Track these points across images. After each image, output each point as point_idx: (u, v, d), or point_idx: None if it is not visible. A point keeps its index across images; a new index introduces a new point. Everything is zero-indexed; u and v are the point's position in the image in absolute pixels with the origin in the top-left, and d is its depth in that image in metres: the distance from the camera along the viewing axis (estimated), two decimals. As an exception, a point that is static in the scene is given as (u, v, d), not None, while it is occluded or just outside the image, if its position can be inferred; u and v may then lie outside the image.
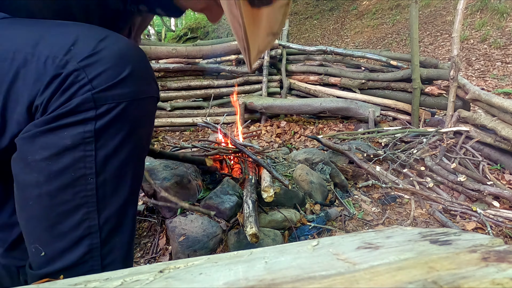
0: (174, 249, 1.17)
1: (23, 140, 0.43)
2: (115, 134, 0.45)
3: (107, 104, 0.44)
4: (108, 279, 0.26)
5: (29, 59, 0.43)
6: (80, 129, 0.43)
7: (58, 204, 0.44)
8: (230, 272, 0.25)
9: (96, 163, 0.44)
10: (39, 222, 0.45)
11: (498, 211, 1.48)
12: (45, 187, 0.44)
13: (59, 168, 0.43)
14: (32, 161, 0.43)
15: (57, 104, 0.42)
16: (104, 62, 0.44)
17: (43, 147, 0.43)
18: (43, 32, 0.45)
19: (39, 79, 0.42)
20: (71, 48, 0.43)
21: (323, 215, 1.41)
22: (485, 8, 6.56)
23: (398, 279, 0.21)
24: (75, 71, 0.42)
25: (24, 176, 0.44)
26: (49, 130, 0.42)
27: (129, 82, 0.45)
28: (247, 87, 3.74)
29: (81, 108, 0.43)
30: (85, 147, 0.44)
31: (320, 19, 10.60)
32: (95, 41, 0.44)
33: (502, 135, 1.89)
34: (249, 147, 1.59)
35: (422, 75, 2.86)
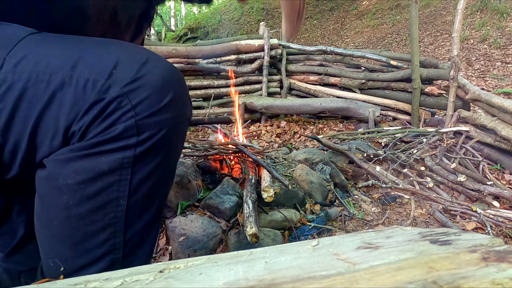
0: (174, 249, 1.17)
1: (55, 162, 0.42)
2: (152, 159, 0.45)
3: (149, 131, 0.43)
4: (108, 279, 0.26)
5: (67, 82, 0.40)
6: (119, 155, 0.42)
7: (85, 225, 0.43)
8: (230, 272, 0.25)
9: (130, 186, 0.44)
10: (63, 241, 0.44)
11: (498, 211, 1.48)
12: (75, 209, 0.42)
13: (92, 192, 0.42)
14: (63, 184, 0.42)
15: (97, 131, 0.41)
16: (147, 87, 0.42)
17: (77, 172, 0.41)
18: (80, 52, 0.43)
19: (77, 103, 0.40)
20: (113, 72, 0.41)
21: (323, 215, 1.41)
22: (485, 8, 6.57)
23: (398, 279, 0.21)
24: (118, 97, 0.41)
25: (52, 197, 0.43)
26: (86, 156, 0.41)
27: (171, 107, 0.44)
28: (247, 87, 3.74)
29: (124, 135, 0.41)
30: (121, 171, 0.43)
31: (320, 19, 10.60)
32: (137, 64, 0.43)
33: (502, 135, 1.89)
34: (249, 147, 1.59)
35: (422, 75, 2.86)
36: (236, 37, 3.73)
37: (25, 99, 0.40)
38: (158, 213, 0.51)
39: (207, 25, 12.02)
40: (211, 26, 11.91)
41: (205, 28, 11.91)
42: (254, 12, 11.71)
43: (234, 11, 12.15)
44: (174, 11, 15.50)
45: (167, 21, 15.24)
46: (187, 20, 14.68)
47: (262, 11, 11.68)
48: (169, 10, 15.70)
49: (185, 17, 16.15)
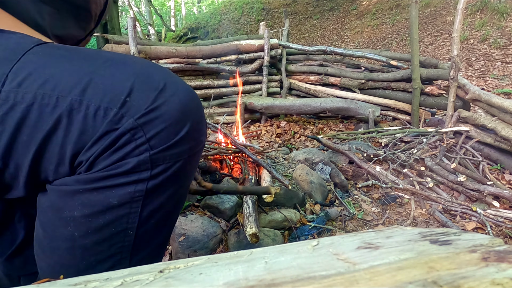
0: (174, 249, 1.17)
1: (60, 193, 0.40)
2: (165, 190, 0.43)
3: (164, 164, 0.40)
4: (108, 279, 0.26)
5: (76, 107, 0.37)
6: (131, 189, 0.39)
7: (90, 255, 0.41)
8: (230, 272, 0.25)
9: (140, 218, 0.41)
10: (66, 269, 0.42)
11: (498, 211, 1.48)
12: (80, 241, 0.40)
13: (100, 224, 0.40)
14: (69, 216, 0.39)
15: (107, 163, 0.38)
16: (164, 119, 0.39)
17: (84, 205, 0.39)
18: (91, 73, 0.39)
19: (86, 132, 0.37)
20: (127, 100, 0.38)
21: (323, 215, 1.41)
22: (485, 8, 6.57)
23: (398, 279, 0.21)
24: (132, 129, 0.38)
25: (56, 227, 0.41)
26: (94, 189, 0.39)
27: (188, 138, 0.41)
28: (247, 87, 3.75)
29: (136, 169, 0.39)
30: (131, 205, 0.40)
31: (320, 19, 10.60)
32: (154, 92, 0.39)
33: (502, 135, 1.89)
34: (249, 147, 1.59)
35: (422, 75, 2.86)
36: (236, 37, 3.73)
37: (28, 122, 0.37)
38: (166, 239, 0.49)
39: (207, 25, 12.03)
40: (211, 26, 11.91)
41: (205, 28, 11.92)
42: (254, 12, 11.72)
43: (234, 11, 12.16)
44: (174, 11, 15.50)
45: (167, 21, 15.25)
46: (187, 20, 14.68)
47: (262, 11, 11.69)
48: (169, 10, 15.71)
49: (185, 17, 16.15)
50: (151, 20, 15.04)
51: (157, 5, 17.25)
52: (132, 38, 3.03)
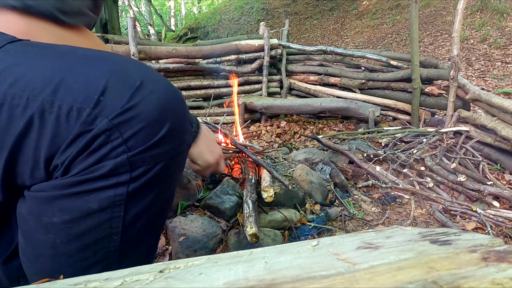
0: (174, 249, 1.17)
1: (38, 200, 0.38)
2: (148, 193, 0.41)
3: (144, 166, 0.38)
4: (108, 279, 0.26)
5: (47, 108, 0.35)
6: (111, 193, 0.38)
7: (75, 262, 0.39)
8: (230, 272, 0.25)
9: (124, 222, 0.40)
10: (52, 276, 0.40)
11: (498, 211, 1.48)
12: (63, 248, 0.39)
13: (81, 230, 0.38)
14: (48, 223, 0.38)
15: (83, 166, 0.36)
16: (141, 118, 0.37)
17: (63, 211, 0.37)
18: (63, 71, 0.36)
19: (60, 134, 0.35)
20: (100, 99, 0.35)
21: (323, 215, 1.41)
22: (485, 8, 6.57)
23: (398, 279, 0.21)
24: (106, 131, 0.36)
25: (37, 235, 0.39)
26: (72, 194, 0.37)
27: (169, 138, 0.39)
28: (247, 87, 3.75)
29: (114, 172, 0.37)
30: (113, 209, 0.38)
31: (320, 19, 10.60)
32: (129, 90, 0.37)
33: (502, 135, 1.89)
34: (249, 147, 1.59)
35: (422, 75, 2.86)
36: (236, 37, 3.73)
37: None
38: (155, 243, 0.48)
39: (207, 25, 12.03)
40: (211, 26, 11.91)
41: (205, 28, 11.92)
42: (254, 12, 11.72)
43: (234, 11, 12.16)
44: (174, 11, 15.51)
45: (167, 21, 15.25)
46: (187, 20, 14.68)
47: (262, 11, 11.69)
48: (169, 10, 15.71)
49: (185, 17, 16.15)
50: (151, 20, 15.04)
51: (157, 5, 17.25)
52: (132, 38, 3.03)
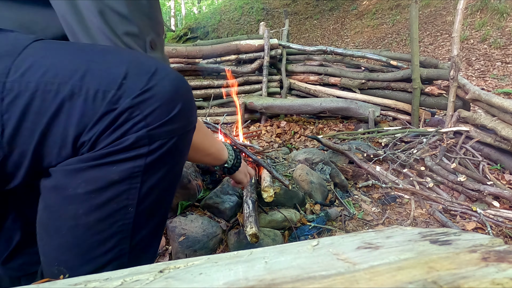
0: (174, 249, 1.17)
1: (65, 172, 0.42)
2: (161, 167, 0.45)
3: (160, 140, 0.43)
4: (108, 279, 0.26)
5: (77, 92, 0.40)
6: (130, 165, 0.42)
7: (93, 234, 0.43)
8: (230, 272, 0.25)
9: (139, 194, 0.44)
10: (70, 250, 0.44)
11: (498, 211, 1.48)
12: (84, 218, 0.42)
13: (102, 201, 0.42)
14: (73, 193, 0.42)
15: (108, 141, 0.41)
16: (157, 98, 0.43)
17: (88, 182, 0.41)
18: (88, 62, 0.42)
19: (87, 114, 0.40)
20: (123, 83, 0.41)
21: (323, 215, 1.41)
22: (485, 8, 6.57)
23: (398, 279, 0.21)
24: (129, 108, 0.41)
25: (60, 207, 0.43)
26: (97, 166, 0.41)
27: (180, 117, 0.45)
28: (247, 87, 3.74)
29: (135, 145, 0.42)
30: (131, 180, 0.43)
31: (320, 19, 10.60)
32: (146, 75, 0.43)
33: (502, 135, 1.89)
34: (249, 147, 1.59)
35: (422, 75, 2.86)
36: (236, 37, 3.73)
37: (32, 109, 0.40)
38: (164, 219, 0.52)
39: (207, 25, 12.02)
40: (211, 26, 11.91)
41: (205, 28, 11.91)
42: (254, 12, 11.72)
43: (234, 11, 12.16)
44: (174, 11, 15.50)
45: (167, 21, 15.25)
46: (187, 20, 14.68)
47: (262, 11, 11.69)
48: (169, 10, 15.70)
49: (185, 17, 16.15)
50: (151, 20, 14.98)
51: (157, 5, 17.19)
52: (132, 38, 3.02)
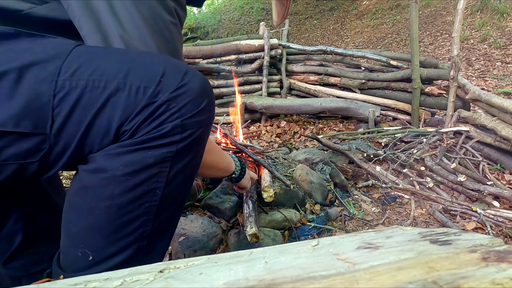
0: (174, 249, 1.17)
1: (106, 156, 0.47)
2: (188, 154, 0.51)
3: (190, 129, 0.50)
4: (108, 279, 0.26)
5: (121, 88, 0.46)
6: (164, 150, 0.48)
7: (123, 214, 0.47)
8: (230, 272, 0.25)
9: (167, 178, 0.49)
10: (99, 231, 0.48)
11: (498, 211, 1.48)
12: (118, 199, 0.47)
13: (136, 183, 0.47)
14: (112, 175, 0.46)
15: (147, 129, 0.47)
16: (189, 94, 0.49)
17: (126, 164, 0.46)
18: (130, 62, 0.48)
19: (130, 106, 0.46)
20: (161, 80, 0.47)
21: (323, 215, 1.41)
22: (485, 8, 6.57)
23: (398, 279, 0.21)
24: (167, 101, 0.47)
25: (98, 188, 0.47)
26: (135, 150, 0.47)
27: (206, 110, 0.52)
28: (247, 87, 3.74)
29: (170, 133, 0.48)
30: (162, 164, 0.48)
31: (320, 19, 10.60)
32: (180, 74, 0.49)
33: (502, 135, 1.89)
34: (249, 147, 1.59)
35: (422, 75, 2.86)
36: (236, 37, 3.73)
37: (81, 103, 0.45)
38: (181, 205, 0.57)
39: (207, 25, 12.02)
40: (211, 26, 11.90)
41: (205, 28, 11.91)
42: (254, 12, 11.71)
43: (234, 11, 12.15)
44: (174, 11, 15.46)
45: (167, 21, 15.21)
46: (187, 20, 14.68)
47: (262, 11, 11.68)
48: (169, 10, 15.66)
49: (185, 17, 16.11)
50: (151, 20, 14.98)
51: (157, 5, 17.19)
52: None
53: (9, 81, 0.42)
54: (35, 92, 0.43)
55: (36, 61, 0.44)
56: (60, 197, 0.77)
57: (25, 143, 0.43)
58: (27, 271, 0.70)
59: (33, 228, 0.69)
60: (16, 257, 0.68)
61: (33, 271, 0.70)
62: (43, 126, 0.44)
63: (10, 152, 0.43)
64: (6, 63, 0.43)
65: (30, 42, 0.47)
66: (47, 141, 0.44)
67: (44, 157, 0.45)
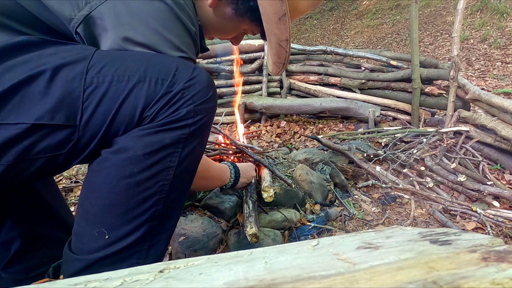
0: (174, 249, 1.17)
1: (128, 138, 0.53)
2: (197, 137, 0.58)
3: (200, 114, 0.57)
4: (108, 279, 0.26)
5: (142, 80, 0.53)
6: (179, 132, 0.55)
7: (140, 192, 0.52)
8: (230, 272, 0.25)
9: (179, 158, 0.56)
10: (117, 208, 0.52)
11: (498, 211, 1.48)
12: (137, 177, 0.52)
13: (153, 161, 0.53)
14: (133, 155, 0.52)
15: (166, 114, 0.53)
16: (199, 84, 0.57)
17: (146, 145, 0.52)
18: (147, 61, 0.55)
19: (150, 95, 0.53)
20: (175, 73, 0.55)
21: (323, 215, 1.41)
22: (485, 8, 6.56)
23: (398, 279, 0.21)
24: (182, 90, 0.54)
25: (120, 167, 0.52)
26: (155, 132, 0.53)
27: (212, 99, 0.60)
28: (247, 87, 3.74)
29: (184, 117, 0.55)
30: (176, 145, 0.55)
31: (320, 19, 10.59)
32: (190, 69, 0.57)
33: (502, 135, 1.89)
34: (249, 148, 1.59)
35: (422, 75, 2.85)
36: (236, 37, 3.72)
37: (108, 95, 0.51)
38: (187, 189, 0.62)
39: (207, 25, 12.00)
40: (211, 26, 11.89)
41: (205, 28, 11.88)
42: (254, 12, 11.68)
43: (234, 11, 12.12)
44: (174, 11, 15.45)
45: (167, 21, 15.20)
46: (187, 20, 14.63)
47: (262, 11, 11.65)
48: (169, 10, 15.65)
49: (185, 17, 16.10)
50: (151, 20, 14.97)
51: (157, 5, 17.17)
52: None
53: (43, 81, 0.48)
54: (67, 89, 0.49)
55: (66, 62, 0.50)
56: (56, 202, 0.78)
57: (57, 135, 0.48)
58: (27, 275, 0.70)
59: (30, 234, 0.70)
60: (15, 262, 0.69)
61: (32, 275, 0.70)
62: (74, 118, 0.49)
63: (42, 146, 0.48)
64: (38, 66, 0.48)
65: (56, 48, 0.53)
66: (76, 132, 0.50)
67: (71, 149, 0.50)
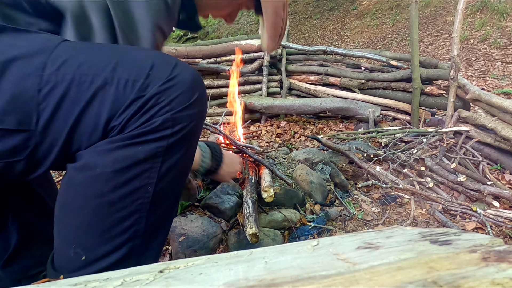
0: (174, 249, 1.17)
1: (94, 153, 0.45)
2: (180, 148, 0.49)
3: (181, 123, 0.48)
4: (108, 279, 0.26)
5: (109, 82, 0.45)
6: (155, 145, 0.46)
7: (115, 212, 0.46)
8: (230, 272, 0.25)
9: (159, 174, 0.48)
10: (91, 229, 0.46)
11: (498, 211, 1.48)
12: (108, 196, 0.45)
13: (126, 179, 0.45)
14: (101, 173, 0.44)
15: (137, 124, 0.45)
16: (180, 86, 0.48)
17: (116, 161, 0.45)
18: (118, 56, 0.47)
19: (118, 100, 0.44)
20: (150, 73, 0.46)
21: (323, 215, 1.41)
22: (485, 8, 6.56)
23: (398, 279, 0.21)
24: (156, 94, 0.46)
25: (87, 186, 0.45)
26: (125, 146, 0.45)
27: (197, 104, 0.50)
28: (247, 87, 3.74)
29: (160, 127, 0.46)
30: (154, 160, 0.47)
31: (320, 19, 10.59)
32: (169, 67, 0.48)
33: (502, 135, 1.89)
34: (249, 148, 1.59)
35: (422, 75, 2.85)
36: (236, 37, 3.73)
37: (68, 98, 0.43)
38: (176, 202, 0.55)
39: (207, 25, 12.02)
40: (211, 26, 11.90)
41: (205, 28, 11.90)
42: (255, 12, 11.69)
43: (234, 11, 12.12)
44: (174, 11, 15.46)
45: (167, 21, 15.20)
46: (187, 20, 14.63)
47: (262, 11, 11.65)
48: (169, 10, 15.66)
49: (185, 17, 16.10)
50: (151, 20, 14.96)
51: (157, 5, 17.17)
52: (132, 38, 3.03)
53: None
54: (19, 87, 0.41)
55: (21, 55, 0.42)
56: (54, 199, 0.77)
57: (10, 140, 0.42)
58: (26, 274, 0.70)
59: (28, 231, 0.69)
60: (14, 260, 0.68)
61: (31, 274, 0.70)
62: (28, 122, 0.42)
63: None
64: None
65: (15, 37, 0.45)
66: (33, 138, 0.43)
67: (30, 155, 0.43)
